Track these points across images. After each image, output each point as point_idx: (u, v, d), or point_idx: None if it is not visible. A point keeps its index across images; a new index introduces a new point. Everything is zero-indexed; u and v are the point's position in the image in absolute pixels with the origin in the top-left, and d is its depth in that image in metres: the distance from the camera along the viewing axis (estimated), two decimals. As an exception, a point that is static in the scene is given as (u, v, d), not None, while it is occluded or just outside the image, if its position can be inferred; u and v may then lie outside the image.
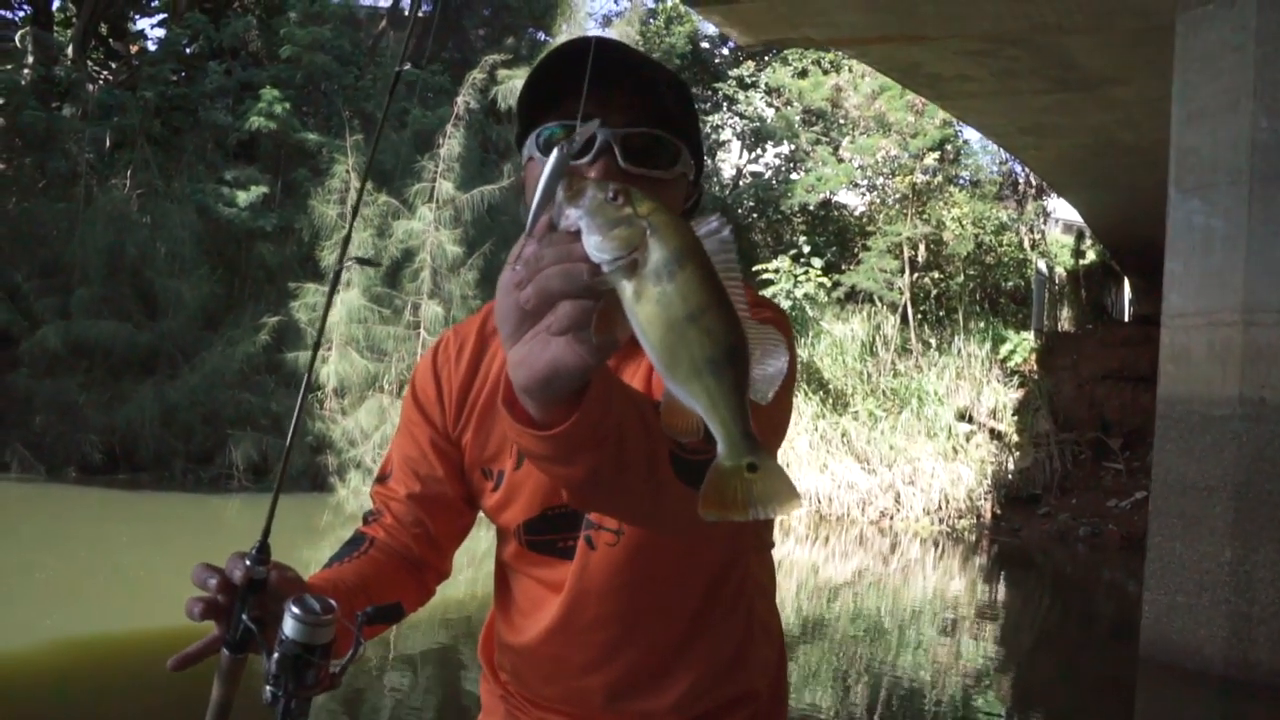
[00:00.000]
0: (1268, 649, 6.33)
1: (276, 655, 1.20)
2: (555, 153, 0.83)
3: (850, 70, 20.30)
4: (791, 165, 21.91)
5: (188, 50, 17.20)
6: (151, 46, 17.30)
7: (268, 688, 1.22)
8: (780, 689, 1.54)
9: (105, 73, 19.70)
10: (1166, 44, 7.24)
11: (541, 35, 17.89)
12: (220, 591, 1.23)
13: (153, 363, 14.45)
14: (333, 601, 1.21)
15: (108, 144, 16.03)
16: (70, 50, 18.00)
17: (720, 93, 22.91)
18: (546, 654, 1.42)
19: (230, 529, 12.10)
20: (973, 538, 14.62)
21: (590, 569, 1.36)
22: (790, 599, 8.55)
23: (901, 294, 18.52)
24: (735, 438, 0.76)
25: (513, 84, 15.70)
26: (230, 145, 16.23)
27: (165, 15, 17.84)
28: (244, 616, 1.25)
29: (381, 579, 1.42)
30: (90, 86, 16.79)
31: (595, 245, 0.74)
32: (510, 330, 0.80)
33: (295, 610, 1.21)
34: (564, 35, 16.37)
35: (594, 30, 18.96)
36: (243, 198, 15.24)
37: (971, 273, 20.43)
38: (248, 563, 1.24)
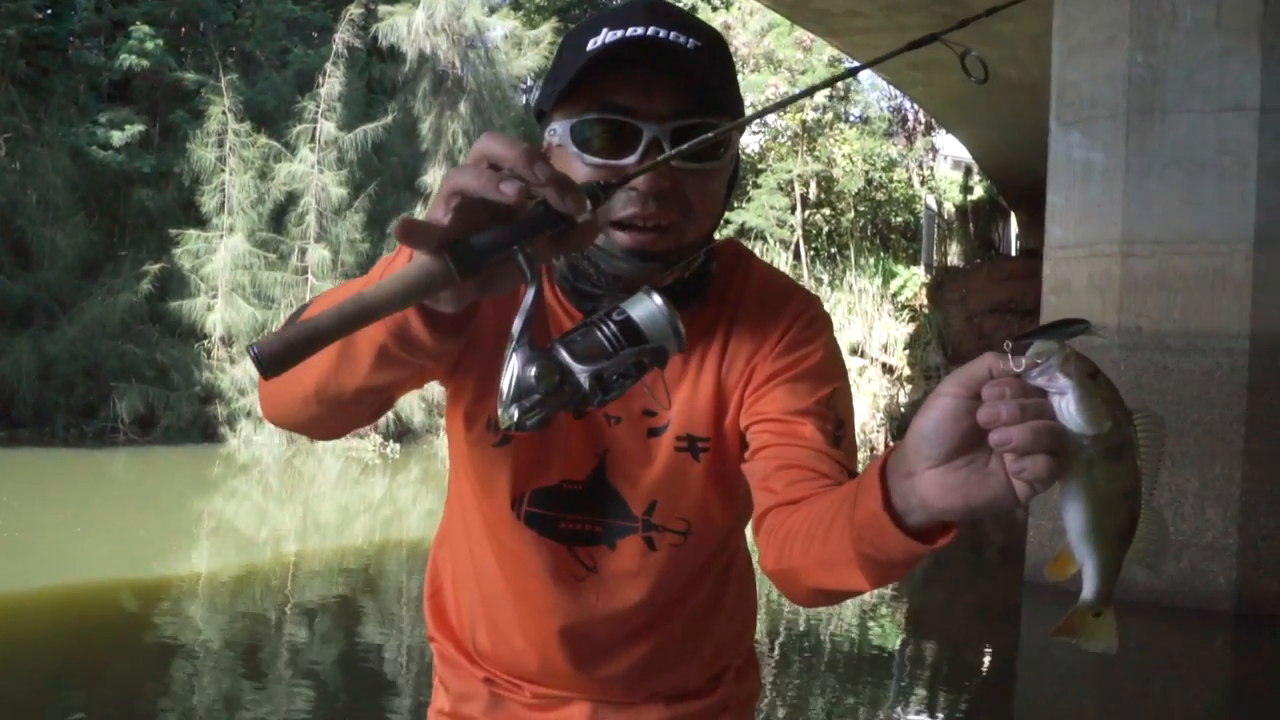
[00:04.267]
0: (1142, 569, 6.57)
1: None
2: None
3: (739, 7, 20.21)
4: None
5: (53, -15, 16.42)
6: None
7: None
8: (753, 651, 1.57)
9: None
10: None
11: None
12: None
13: (29, 314, 13.90)
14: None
15: (-31, 86, 15.27)
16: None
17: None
18: (548, 640, 1.34)
19: (117, 483, 11.80)
20: (867, 470, 14.91)
21: (646, 564, 1.29)
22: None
23: (793, 231, 18.66)
24: (1104, 592, 0.94)
25: (393, 20, 15.31)
26: (103, 86, 15.56)
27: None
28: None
29: None
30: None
31: (1075, 415, 0.82)
32: (945, 454, 0.83)
33: (658, 298, 0.97)
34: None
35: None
36: (118, 138, 14.64)
37: (862, 209, 20.67)
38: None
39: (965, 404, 0.82)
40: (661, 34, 1.12)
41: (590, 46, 1.13)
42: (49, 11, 16.14)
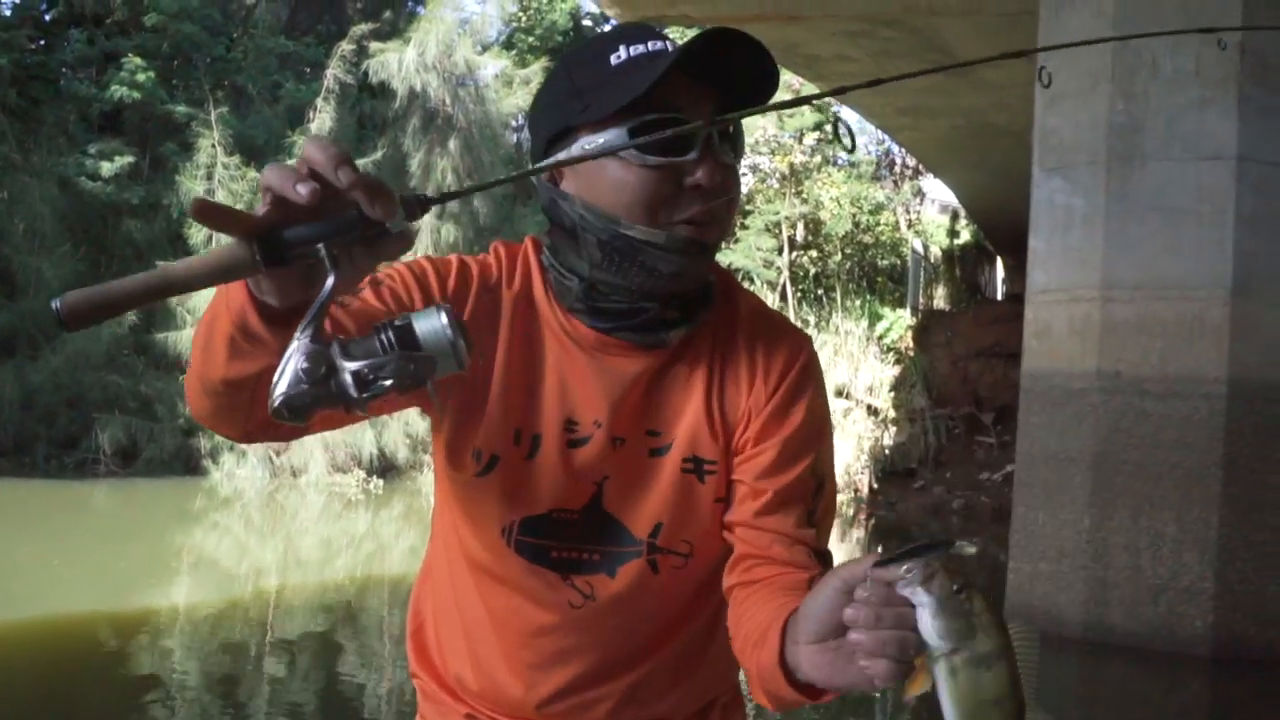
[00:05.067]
0: (1121, 612, 6.59)
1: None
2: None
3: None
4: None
5: (46, 16, 16.46)
6: (6, 12, 16.44)
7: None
8: (739, 688, 1.52)
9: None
10: (1034, 28, 7.43)
11: (420, 9, 17.56)
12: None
13: (12, 344, 13.85)
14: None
15: (-40, 115, 15.31)
16: (-81, 16, 17.15)
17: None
18: (534, 670, 1.32)
19: (98, 515, 11.72)
20: (850, 511, 14.91)
21: (647, 588, 1.29)
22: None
23: (780, 273, 18.76)
24: None
25: (384, 57, 15.41)
26: (94, 117, 15.61)
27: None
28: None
29: None
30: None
31: (936, 630, 0.89)
32: (819, 635, 0.94)
33: (445, 315, 0.96)
34: (438, 7, 16.11)
35: (469, 3, 18.60)
36: (107, 169, 14.66)
37: (849, 252, 20.79)
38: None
39: (842, 598, 0.91)
40: (699, 44, 1.15)
41: (620, 61, 1.18)
42: (41, 42, 16.22)
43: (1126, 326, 6.65)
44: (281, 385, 0.91)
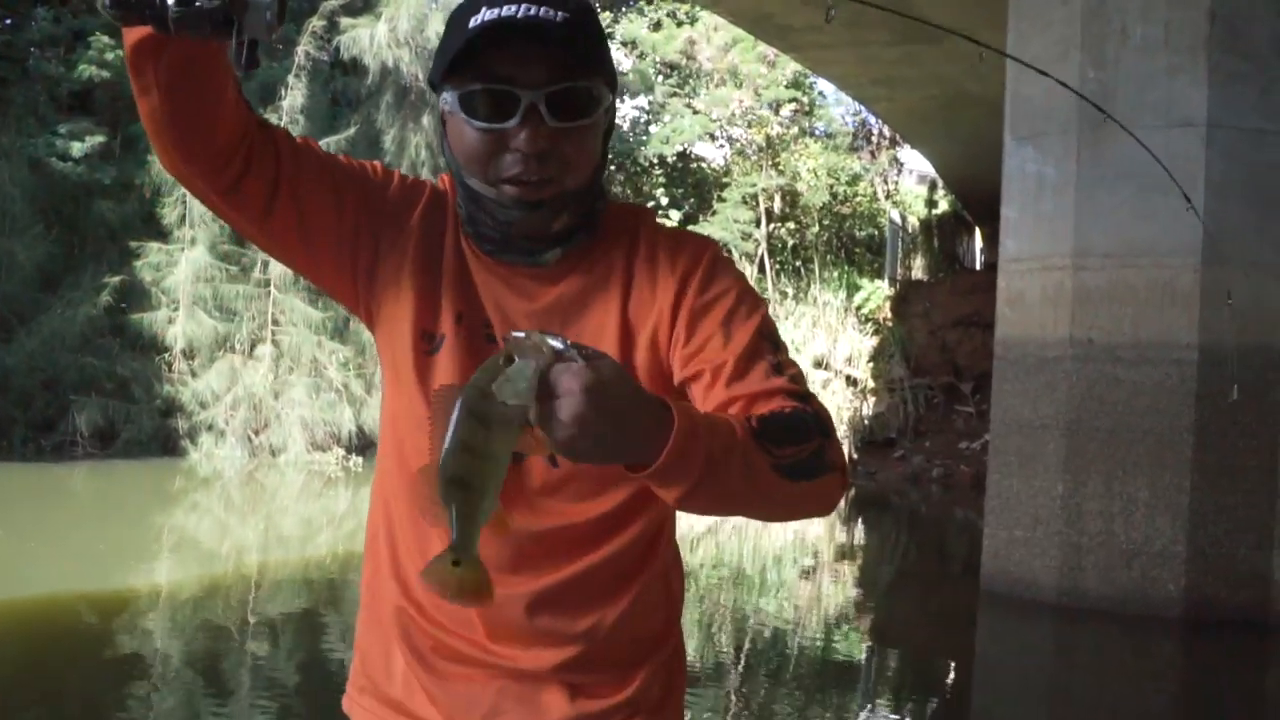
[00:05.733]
0: (1095, 577, 6.67)
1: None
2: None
3: (704, 23, 20.33)
4: (649, 118, 21.92)
5: (12, -4, 16.28)
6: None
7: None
8: (679, 661, 1.53)
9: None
10: (1005, -4, 7.45)
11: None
12: None
13: (-14, 327, 13.78)
14: None
15: (-74, 97, 15.12)
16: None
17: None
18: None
19: (77, 497, 11.69)
20: (831, 482, 14.98)
21: (552, 480, 1.35)
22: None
23: (758, 245, 18.77)
24: (458, 541, 1.09)
25: (355, 33, 15.30)
26: (63, 97, 15.44)
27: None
28: None
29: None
30: (-94, 35, 15.77)
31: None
32: None
33: None
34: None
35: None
36: (77, 149, 14.52)
37: (826, 223, 20.81)
38: None
39: None
40: (533, 11, 1.25)
41: (472, 24, 1.26)
42: (8, 21, 16.01)
43: (1098, 294, 6.70)
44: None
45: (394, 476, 1.43)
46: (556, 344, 1.05)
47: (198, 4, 1.02)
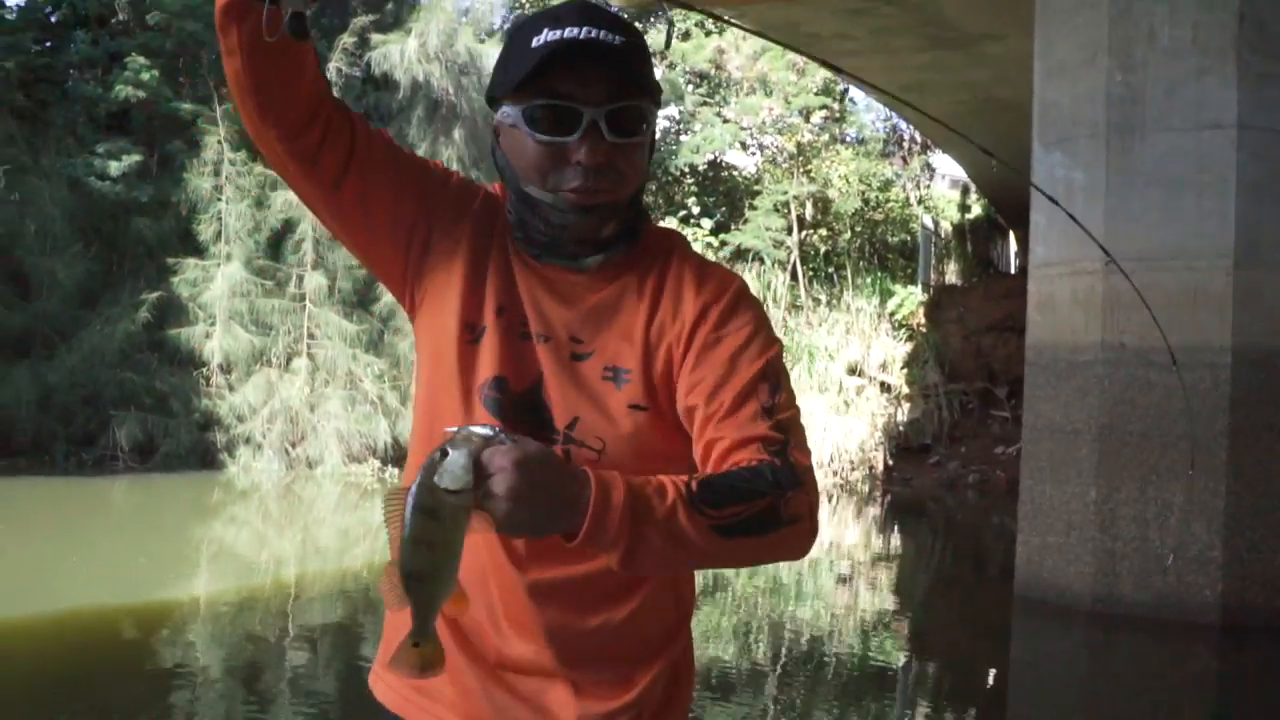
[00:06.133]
0: (1130, 582, 6.62)
1: None
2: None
3: (732, 34, 20.34)
4: (680, 127, 21.96)
5: (51, 19, 16.51)
6: (11, 16, 16.48)
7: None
8: (689, 648, 1.58)
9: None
10: (1032, 1, 7.42)
11: (423, -1, 17.56)
12: None
13: (27, 344, 13.96)
14: None
15: (-32, 119, 15.39)
16: (-75, 21, 17.21)
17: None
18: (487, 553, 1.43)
19: (117, 511, 11.84)
20: (866, 489, 14.95)
21: None
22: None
23: (790, 252, 18.75)
24: (415, 626, 1.21)
25: (385, 49, 15.43)
26: (100, 117, 15.67)
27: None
28: None
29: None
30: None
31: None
32: None
33: None
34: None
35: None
36: (115, 168, 14.73)
37: (859, 229, 20.73)
38: None
39: None
40: (594, 34, 1.36)
41: (534, 44, 1.36)
42: (47, 44, 16.28)
43: (1130, 298, 6.66)
44: None
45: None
46: (485, 431, 1.17)
47: None
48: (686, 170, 20.95)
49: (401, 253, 1.47)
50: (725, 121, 20.51)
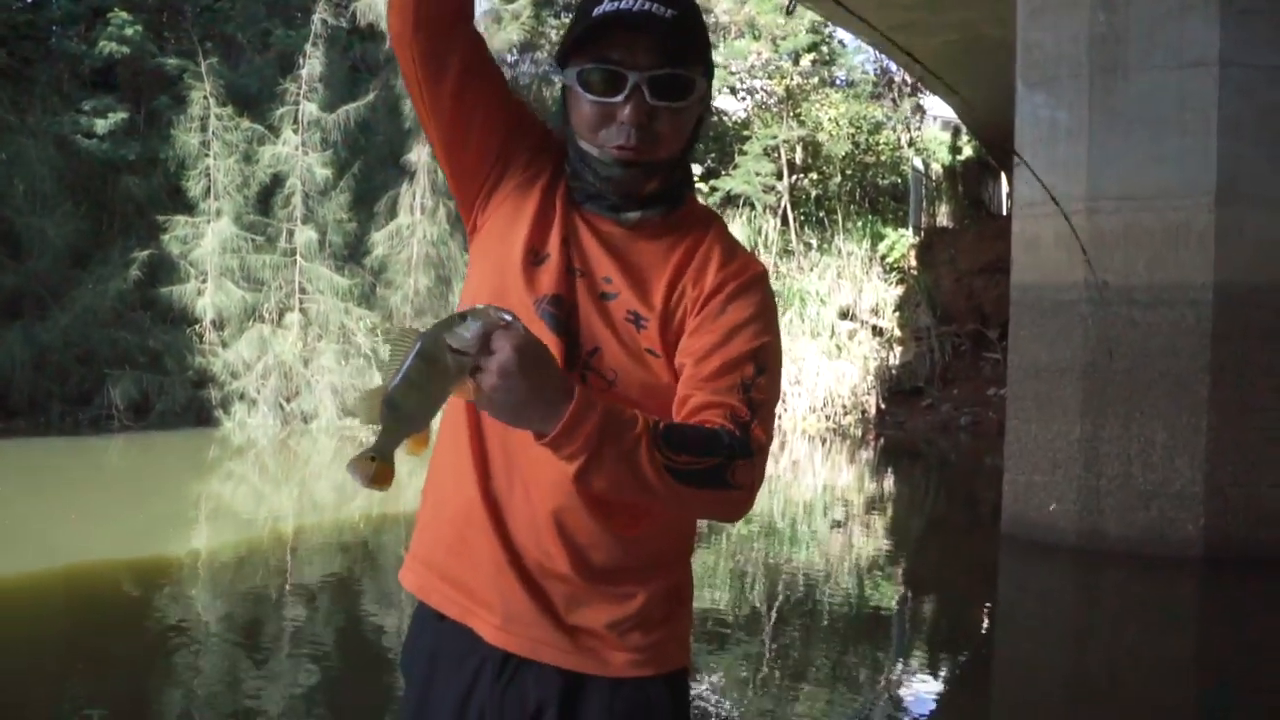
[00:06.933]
0: (1114, 519, 6.72)
1: None
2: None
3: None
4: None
5: (32, -26, 16.39)
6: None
7: None
8: (689, 580, 1.73)
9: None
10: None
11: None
12: None
13: (19, 305, 13.97)
14: None
15: (-49, 79, 15.29)
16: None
17: None
18: (513, 456, 1.55)
19: (114, 469, 11.92)
20: (859, 432, 15.05)
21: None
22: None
23: (780, 197, 18.72)
24: (376, 444, 1.34)
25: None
26: (86, 74, 15.57)
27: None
28: None
29: None
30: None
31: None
32: None
33: None
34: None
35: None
36: (102, 126, 14.68)
37: (849, 173, 20.68)
38: None
39: None
40: (646, 6, 1.50)
41: (595, 14, 1.51)
42: (28, 1, 16.14)
43: (1113, 236, 6.70)
44: None
45: None
46: (505, 316, 1.28)
47: None
48: (676, 116, 20.81)
49: (480, 181, 1.63)
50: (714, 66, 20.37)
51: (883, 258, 17.95)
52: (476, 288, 1.62)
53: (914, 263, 17.86)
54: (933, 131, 25.16)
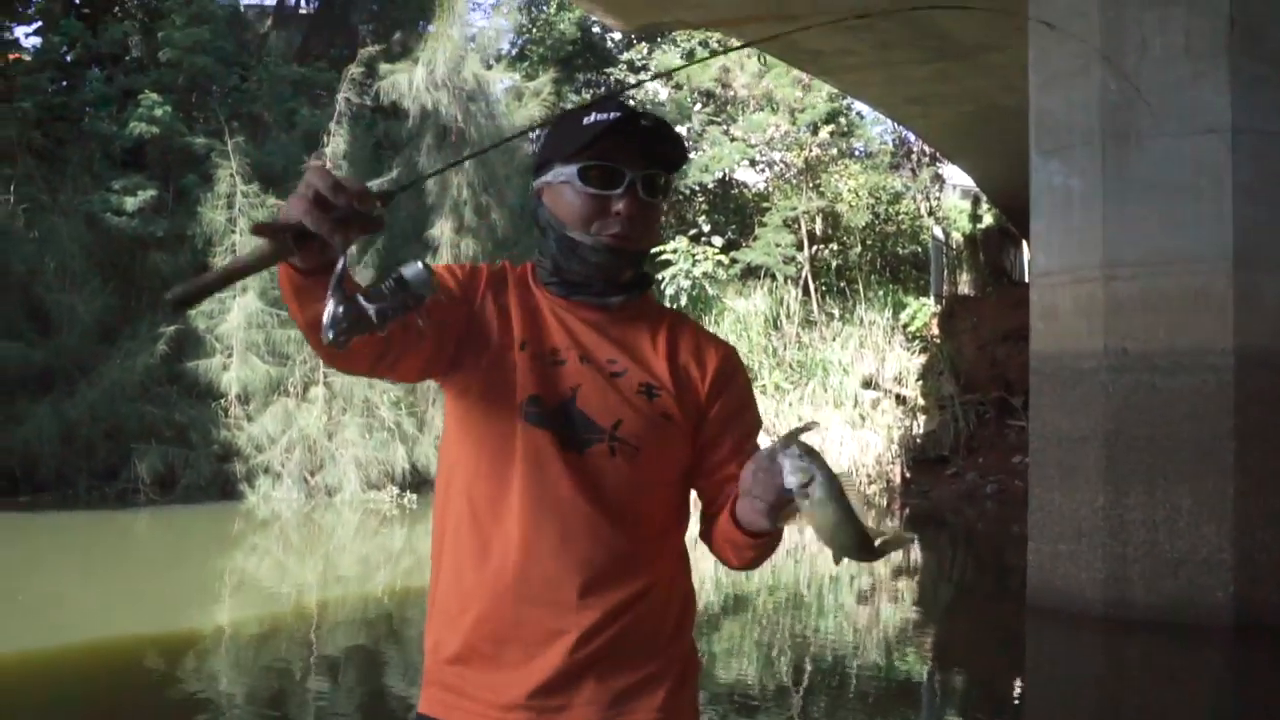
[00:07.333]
0: (1142, 587, 6.63)
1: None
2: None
3: (738, 50, 20.46)
4: (689, 146, 22.08)
5: (66, 58, 16.75)
6: (28, 56, 16.74)
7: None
8: (691, 631, 1.86)
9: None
10: (1025, 11, 7.49)
11: (431, 27, 17.70)
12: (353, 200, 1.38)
13: (48, 380, 14.12)
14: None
15: (-13, 159, 15.60)
16: (-58, 64, 17.47)
17: (612, 78, 22.93)
18: (532, 534, 1.68)
19: (140, 543, 11.95)
20: (884, 501, 14.93)
21: (610, 466, 1.70)
22: (710, 574, 8.72)
23: (800, 268, 18.80)
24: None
25: (394, 78, 15.60)
26: (116, 154, 15.88)
27: (40, 23, 17.31)
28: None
29: None
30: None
31: (789, 477, 1.47)
32: (744, 492, 1.58)
33: (420, 263, 1.46)
34: (446, 25, 16.28)
35: (477, 19, 18.99)
36: (131, 203, 14.94)
37: (869, 242, 20.77)
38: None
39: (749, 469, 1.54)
40: (632, 118, 1.70)
41: (585, 123, 1.70)
42: (63, 83, 16.52)
43: (1131, 303, 6.70)
44: (332, 326, 1.39)
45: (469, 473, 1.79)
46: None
47: (392, 309, 1.41)
48: (697, 189, 21.04)
49: (449, 351, 1.73)
50: (733, 139, 20.62)
51: (905, 326, 17.95)
52: (463, 415, 1.77)
53: (936, 331, 17.84)
54: (952, 200, 25.30)
